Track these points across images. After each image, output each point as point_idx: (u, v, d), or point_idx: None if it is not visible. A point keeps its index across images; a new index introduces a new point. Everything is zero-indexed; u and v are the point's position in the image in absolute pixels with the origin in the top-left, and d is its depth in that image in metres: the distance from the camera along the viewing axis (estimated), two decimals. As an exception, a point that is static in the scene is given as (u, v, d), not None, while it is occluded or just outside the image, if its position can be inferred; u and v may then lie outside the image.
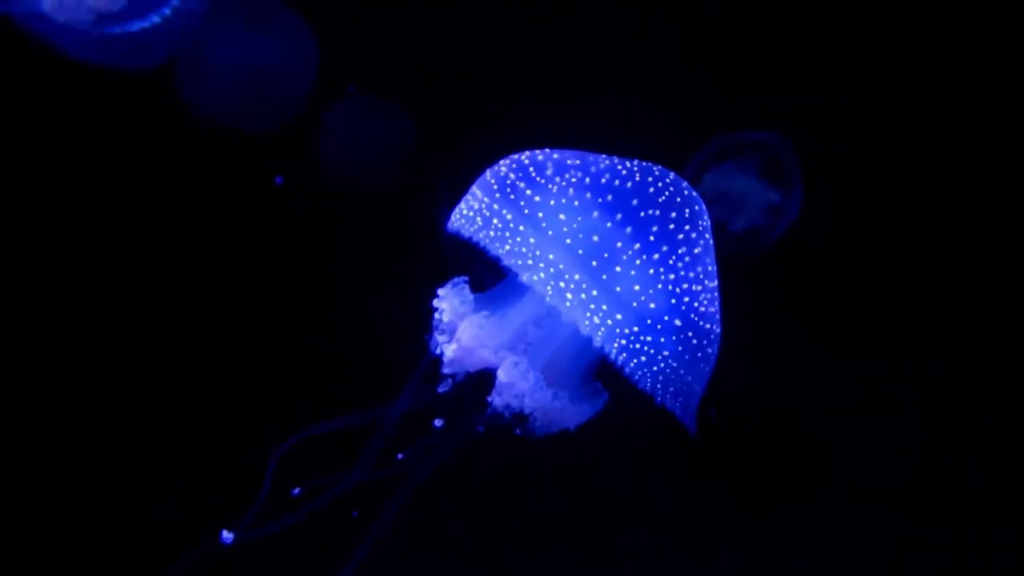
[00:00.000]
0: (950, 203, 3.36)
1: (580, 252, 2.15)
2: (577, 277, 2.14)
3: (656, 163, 2.28)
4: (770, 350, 3.35)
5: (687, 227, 2.22)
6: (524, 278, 2.17)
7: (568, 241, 2.16)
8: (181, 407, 3.22)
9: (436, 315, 2.33)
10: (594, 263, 2.15)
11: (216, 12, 3.00)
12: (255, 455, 2.43)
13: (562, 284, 2.14)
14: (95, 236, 3.25)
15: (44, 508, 3.11)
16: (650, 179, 2.23)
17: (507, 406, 2.24)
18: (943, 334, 3.34)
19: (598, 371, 2.38)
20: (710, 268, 2.26)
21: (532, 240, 2.17)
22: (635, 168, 2.24)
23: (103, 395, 3.21)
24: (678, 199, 2.23)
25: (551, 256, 2.15)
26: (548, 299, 2.15)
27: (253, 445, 2.86)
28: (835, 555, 3.29)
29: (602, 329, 2.14)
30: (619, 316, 2.14)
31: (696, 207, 2.26)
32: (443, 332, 2.32)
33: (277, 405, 3.22)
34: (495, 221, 2.22)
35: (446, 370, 2.30)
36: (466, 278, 2.36)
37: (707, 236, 2.27)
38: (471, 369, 2.29)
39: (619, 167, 2.24)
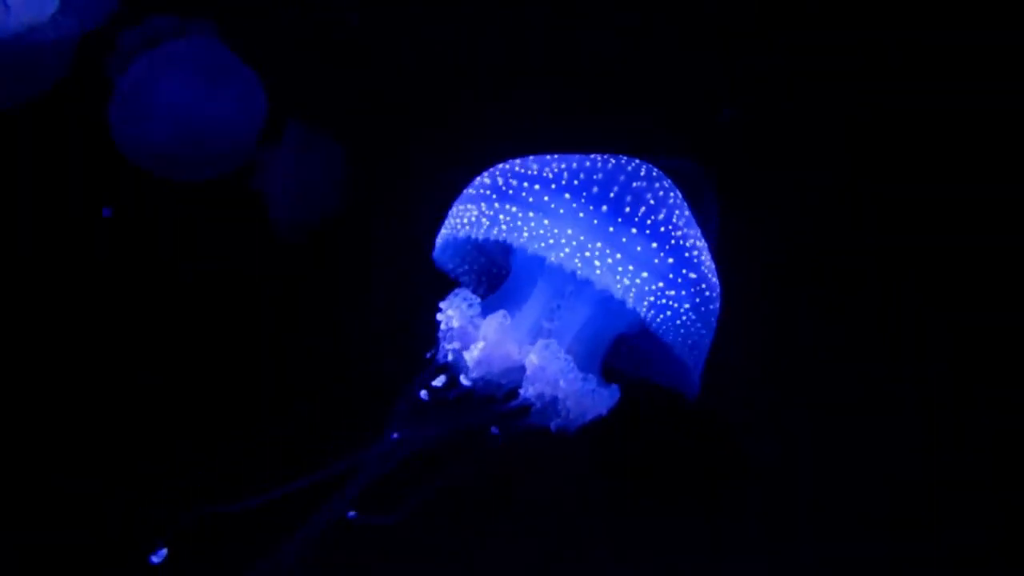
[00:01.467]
0: (950, 203, 3.35)
1: (595, 222, 2.20)
2: (600, 244, 2.19)
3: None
4: (770, 349, 3.34)
5: (672, 194, 2.30)
6: (552, 258, 2.18)
7: (581, 215, 2.21)
8: (181, 407, 3.22)
9: (443, 325, 2.31)
10: (611, 228, 2.21)
11: (164, 60, 2.98)
12: (255, 455, 2.44)
13: (587, 254, 2.18)
14: (95, 237, 3.25)
15: (44, 508, 3.11)
16: (623, 161, 2.31)
17: (539, 395, 2.23)
18: (943, 334, 3.34)
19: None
20: (697, 230, 2.34)
21: (546, 221, 2.21)
22: (604, 157, 2.32)
23: (103, 395, 3.22)
24: (653, 173, 2.31)
25: (570, 231, 2.20)
26: (578, 272, 2.18)
27: (253, 445, 2.86)
28: (834, 555, 3.29)
29: (633, 290, 2.18)
30: (645, 274, 2.19)
31: (669, 180, 2.33)
32: (453, 340, 2.30)
33: (277, 405, 3.22)
34: (502, 217, 2.24)
35: (472, 374, 2.28)
36: (465, 287, 2.37)
37: (687, 204, 2.34)
38: (496, 369, 2.27)
39: (590, 159, 2.31)
